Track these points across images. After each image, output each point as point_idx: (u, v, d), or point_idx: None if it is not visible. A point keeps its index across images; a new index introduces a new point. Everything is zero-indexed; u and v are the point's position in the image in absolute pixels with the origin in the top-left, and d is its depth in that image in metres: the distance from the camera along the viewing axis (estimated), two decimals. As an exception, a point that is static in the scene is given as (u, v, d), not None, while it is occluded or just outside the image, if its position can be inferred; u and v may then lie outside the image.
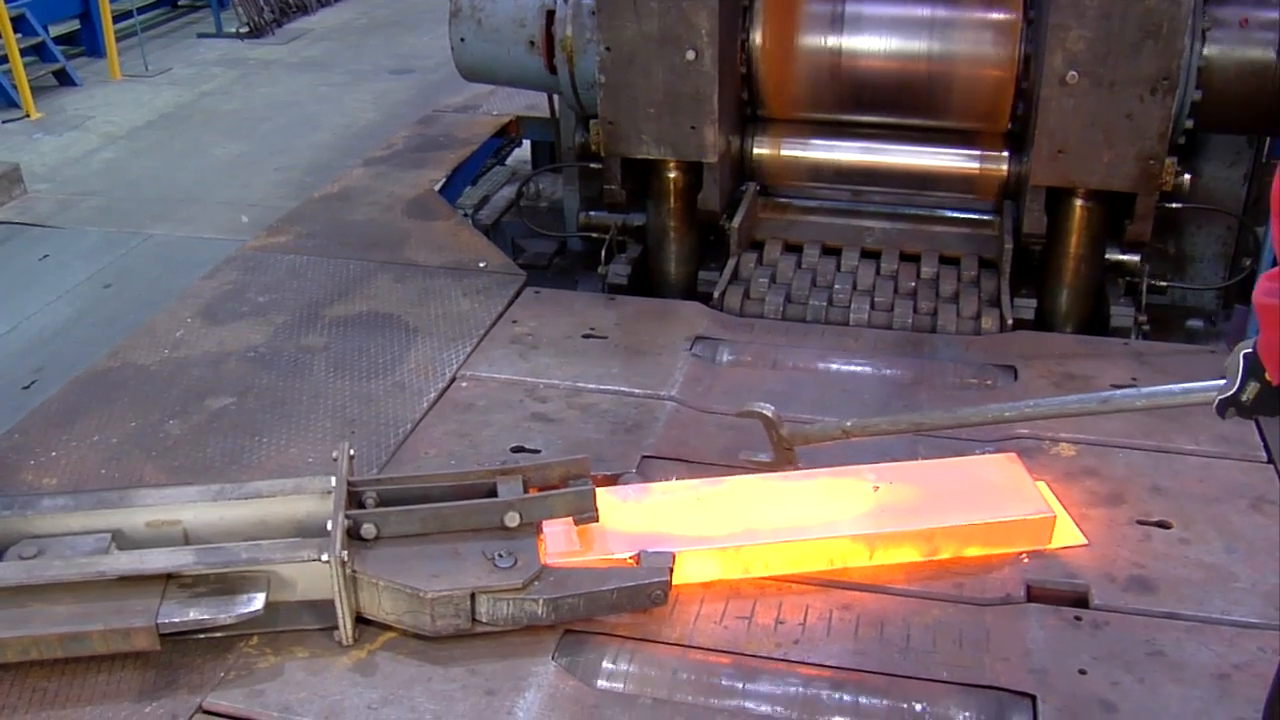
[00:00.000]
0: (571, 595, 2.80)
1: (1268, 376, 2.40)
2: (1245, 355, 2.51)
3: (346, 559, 2.73)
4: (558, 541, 3.03)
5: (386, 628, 2.84)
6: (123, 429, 3.73)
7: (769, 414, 3.28)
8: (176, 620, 2.69)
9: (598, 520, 3.04)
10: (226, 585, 2.77)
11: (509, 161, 7.41)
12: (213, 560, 2.78)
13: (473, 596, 2.77)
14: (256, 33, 14.16)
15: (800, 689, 2.73)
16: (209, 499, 2.99)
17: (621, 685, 2.77)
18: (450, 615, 2.77)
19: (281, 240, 5.14)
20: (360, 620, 2.84)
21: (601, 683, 2.77)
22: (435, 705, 2.64)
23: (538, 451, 3.57)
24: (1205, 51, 4.42)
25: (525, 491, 3.01)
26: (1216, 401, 2.61)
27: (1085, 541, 3.16)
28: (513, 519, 2.92)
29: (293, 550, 2.80)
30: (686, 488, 3.27)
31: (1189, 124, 4.48)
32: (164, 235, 8.70)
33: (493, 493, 3.00)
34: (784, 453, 3.32)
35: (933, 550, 3.10)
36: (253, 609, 2.73)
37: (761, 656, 2.81)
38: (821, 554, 3.06)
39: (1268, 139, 4.97)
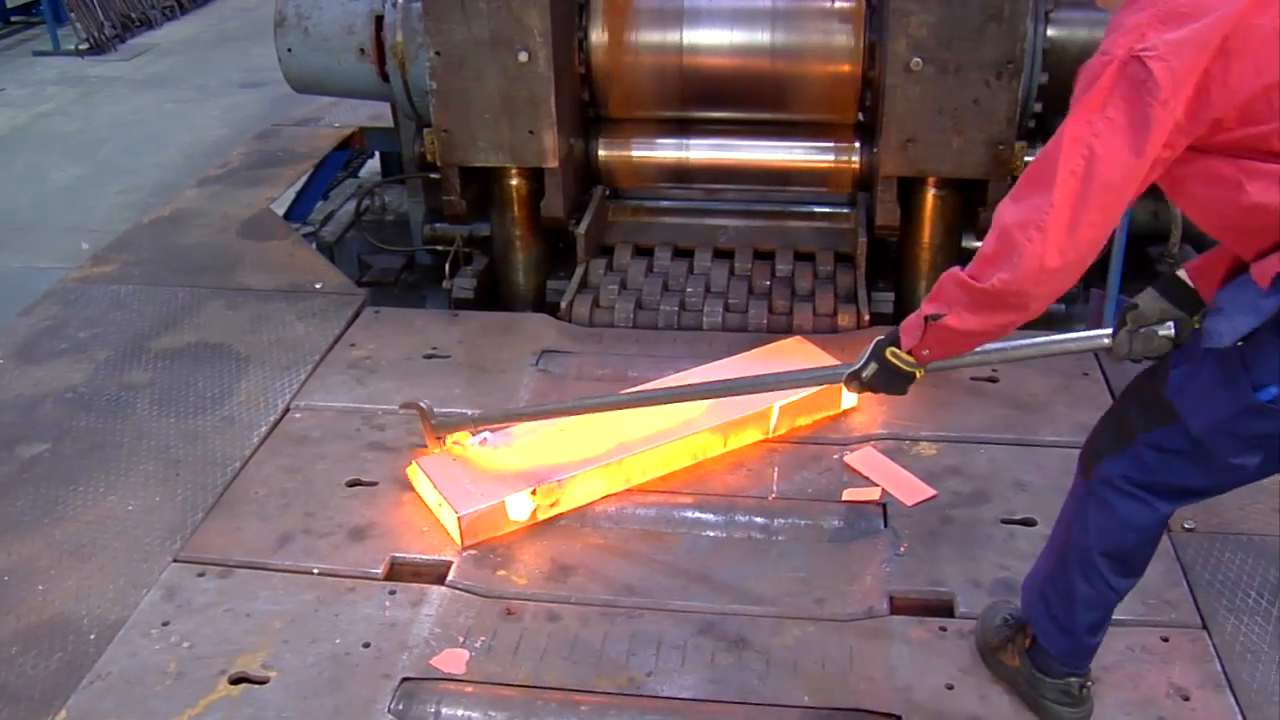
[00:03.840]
0: None
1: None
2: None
3: None
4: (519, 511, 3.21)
5: (211, 688, 2.62)
6: (-80, 485, 3.43)
7: (424, 407, 3.44)
8: None
9: None
10: None
11: (362, 173, 7.14)
12: None
13: None
14: (97, 49, 13.57)
15: (656, 726, 2.57)
16: None
17: (464, 735, 2.58)
18: None
19: (106, 270, 4.83)
20: None
21: (442, 734, 2.58)
22: (256, 776, 2.43)
23: (375, 484, 3.36)
24: (1049, 34, 4.38)
25: None
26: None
27: (934, 493, 3.31)
28: None
29: None
30: (546, 425, 3.49)
31: (1038, 107, 4.44)
32: (-4, 267, 8.24)
33: None
34: (434, 441, 3.44)
35: (775, 427, 3.59)
36: None
37: (613, 693, 2.64)
38: (686, 451, 3.48)
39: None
